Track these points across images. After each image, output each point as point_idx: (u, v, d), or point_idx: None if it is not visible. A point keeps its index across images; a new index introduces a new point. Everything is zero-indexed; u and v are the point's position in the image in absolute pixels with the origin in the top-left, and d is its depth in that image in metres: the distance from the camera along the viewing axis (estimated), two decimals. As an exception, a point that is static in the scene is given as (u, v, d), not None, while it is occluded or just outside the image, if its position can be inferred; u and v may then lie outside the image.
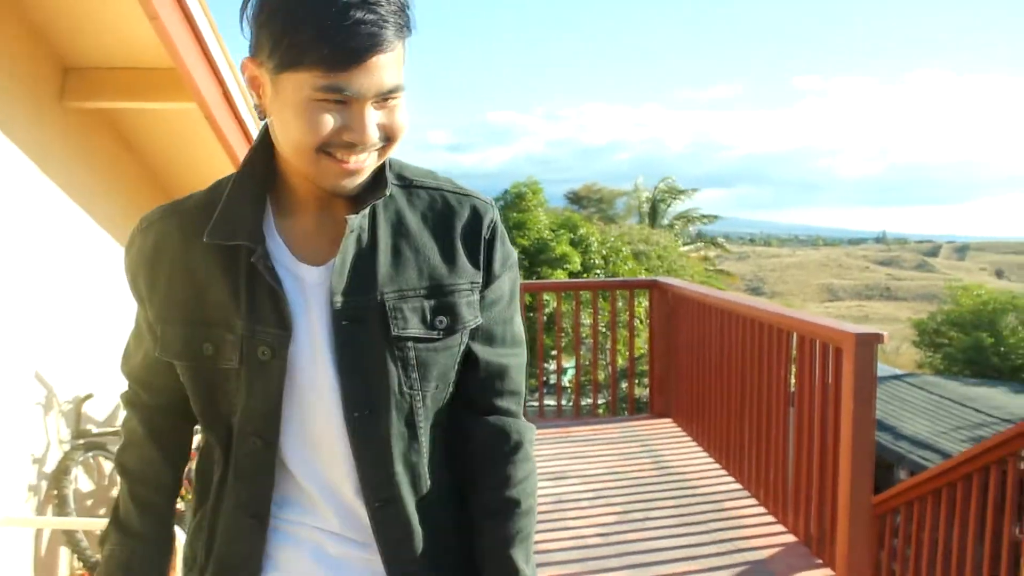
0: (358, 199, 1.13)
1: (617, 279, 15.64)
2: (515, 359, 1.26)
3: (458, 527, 1.24)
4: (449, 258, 1.17)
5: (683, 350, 5.79)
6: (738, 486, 4.74)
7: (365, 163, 1.07)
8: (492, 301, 1.22)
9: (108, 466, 4.23)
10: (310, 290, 1.13)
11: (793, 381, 4.10)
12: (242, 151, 4.09)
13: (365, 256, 1.13)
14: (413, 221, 1.17)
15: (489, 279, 1.21)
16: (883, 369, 18.00)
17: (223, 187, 1.17)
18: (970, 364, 19.98)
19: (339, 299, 1.12)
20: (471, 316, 1.18)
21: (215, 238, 1.12)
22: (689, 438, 5.65)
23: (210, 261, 1.14)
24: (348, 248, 1.12)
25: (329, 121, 1.01)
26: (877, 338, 3.29)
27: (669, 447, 5.47)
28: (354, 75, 0.99)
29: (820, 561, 3.75)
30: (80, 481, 4.02)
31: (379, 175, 1.14)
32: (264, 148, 1.15)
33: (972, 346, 20.09)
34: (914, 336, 23.57)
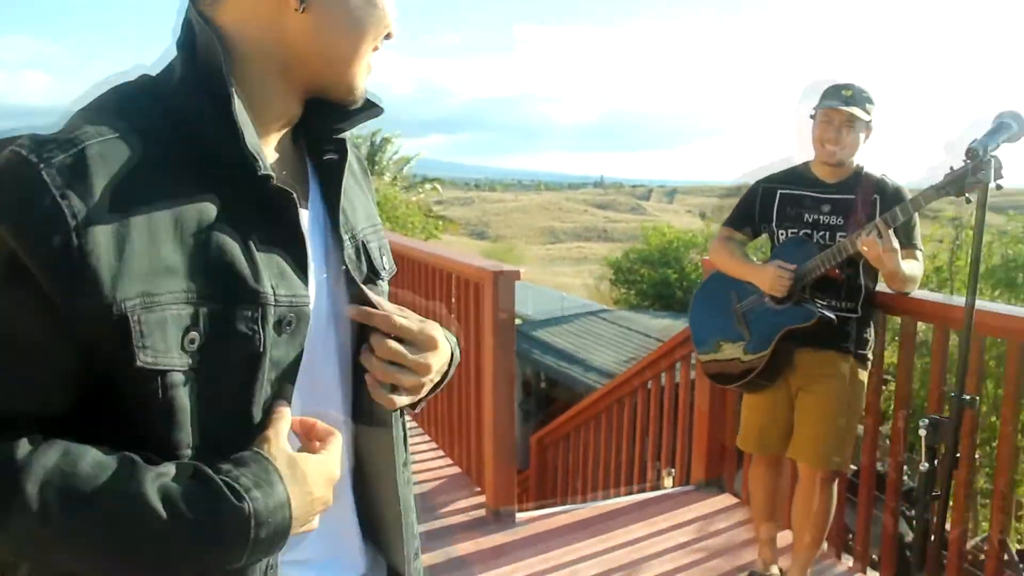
0: (321, 132, 1.00)
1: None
2: None
3: None
4: (371, 198, 1.11)
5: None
6: (413, 424, 4.90)
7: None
8: None
9: None
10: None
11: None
12: None
13: (336, 193, 1.01)
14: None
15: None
16: (581, 305, 19.30)
17: (183, 99, 0.85)
18: (659, 298, 22.01)
19: (344, 238, 0.99)
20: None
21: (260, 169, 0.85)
22: (374, 380, 5.74)
23: (206, 206, 0.82)
24: (344, 181, 1.00)
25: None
26: (514, 275, 3.50)
27: (353, 390, 5.53)
28: None
29: (479, 489, 3.97)
30: None
31: None
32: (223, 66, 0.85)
33: (660, 281, 22.17)
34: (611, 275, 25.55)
